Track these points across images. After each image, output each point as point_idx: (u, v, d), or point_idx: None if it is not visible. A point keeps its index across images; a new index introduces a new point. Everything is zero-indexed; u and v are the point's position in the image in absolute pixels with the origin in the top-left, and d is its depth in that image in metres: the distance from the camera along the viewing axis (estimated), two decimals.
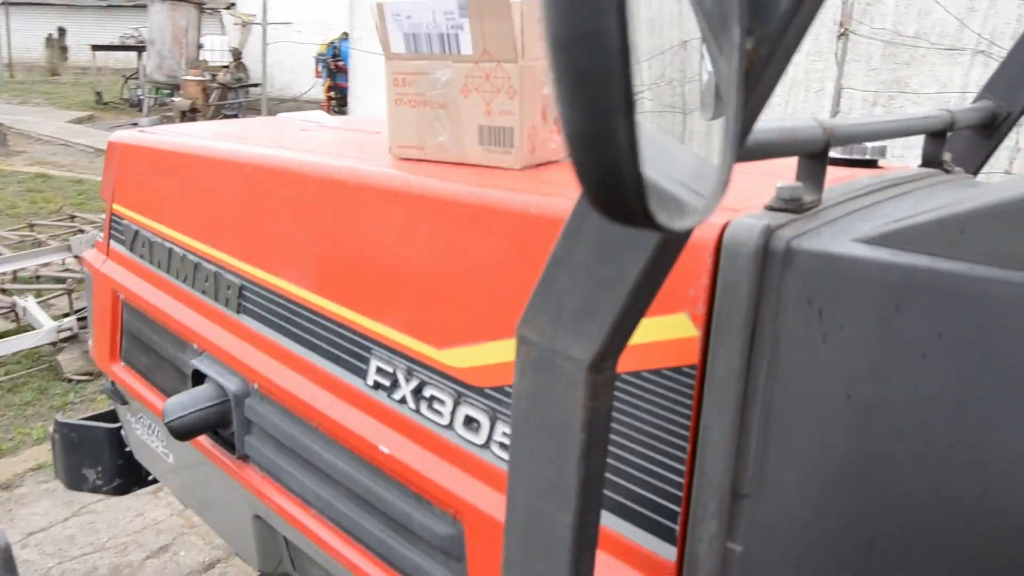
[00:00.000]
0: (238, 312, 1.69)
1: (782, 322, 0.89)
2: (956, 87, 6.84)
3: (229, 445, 1.76)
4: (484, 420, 1.24)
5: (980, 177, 1.42)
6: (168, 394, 1.97)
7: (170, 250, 1.86)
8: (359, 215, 1.39)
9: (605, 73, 0.38)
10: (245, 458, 1.74)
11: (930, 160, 1.30)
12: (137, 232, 1.97)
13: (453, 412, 1.28)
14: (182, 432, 1.68)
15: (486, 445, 1.25)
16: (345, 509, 1.52)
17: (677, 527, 1.03)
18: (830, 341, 0.87)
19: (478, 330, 1.25)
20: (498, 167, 1.34)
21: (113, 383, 2.20)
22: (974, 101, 1.44)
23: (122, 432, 2.36)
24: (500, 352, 1.22)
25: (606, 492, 1.09)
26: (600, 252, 0.74)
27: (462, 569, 1.32)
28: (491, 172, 1.33)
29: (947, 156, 1.30)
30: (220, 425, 1.73)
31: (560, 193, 1.25)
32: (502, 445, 1.23)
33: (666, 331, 0.99)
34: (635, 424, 1.04)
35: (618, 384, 1.05)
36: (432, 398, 1.31)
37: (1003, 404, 0.82)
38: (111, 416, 2.57)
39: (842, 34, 7.06)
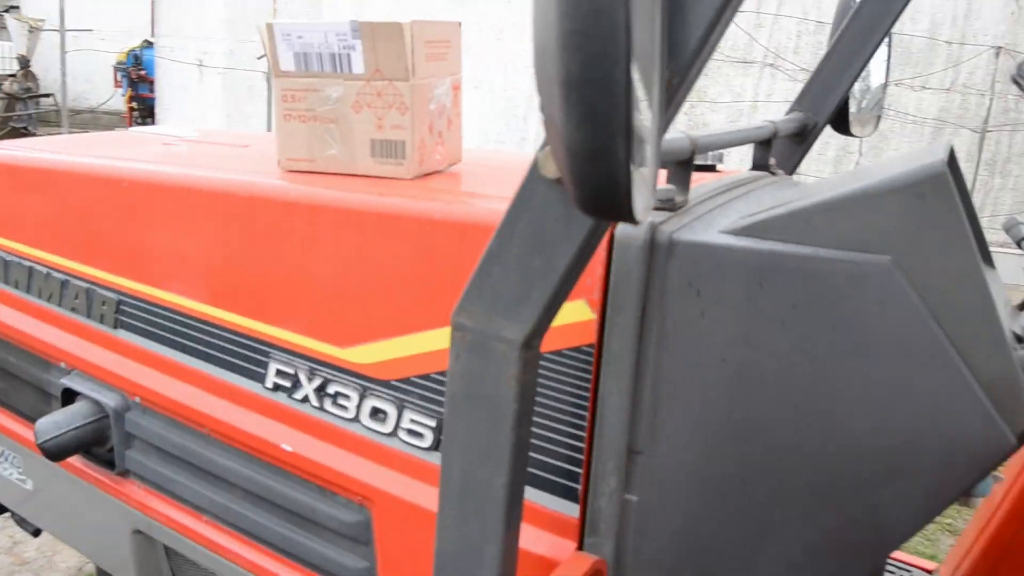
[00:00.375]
0: (115, 327, 1.68)
1: (667, 303, 1.06)
2: (748, 96, 7.57)
3: (106, 462, 1.74)
4: (391, 410, 1.34)
5: (795, 178, 1.68)
6: (29, 418, 1.91)
7: (31, 269, 1.81)
8: (256, 226, 1.45)
9: (613, 108, 0.51)
10: (125, 473, 1.73)
11: (759, 164, 1.54)
12: None
13: (359, 406, 1.37)
14: (57, 452, 1.65)
15: (393, 433, 1.35)
16: (243, 510, 1.56)
17: (579, 486, 1.18)
18: (707, 316, 1.05)
19: (380, 328, 1.34)
20: (390, 177, 1.44)
21: None
22: (787, 113, 1.71)
23: None
24: (403, 347, 1.32)
25: None
26: (532, 247, 0.87)
27: (369, 552, 1.41)
28: (384, 182, 1.43)
29: (772, 160, 1.55)
30: (97, 443, 1.70)
31: (453, 199, 1.38)
32: (409, 432, 1.33)
33: (567, 316, 1.14)
34: (541, 400, 1.18)
35: None
36: (337, 394, 1.39)
37: (845, 359, 1.03)
38: None
39: None
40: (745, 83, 7.69)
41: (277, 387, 1.46)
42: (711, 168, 1.51)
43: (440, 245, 1.28)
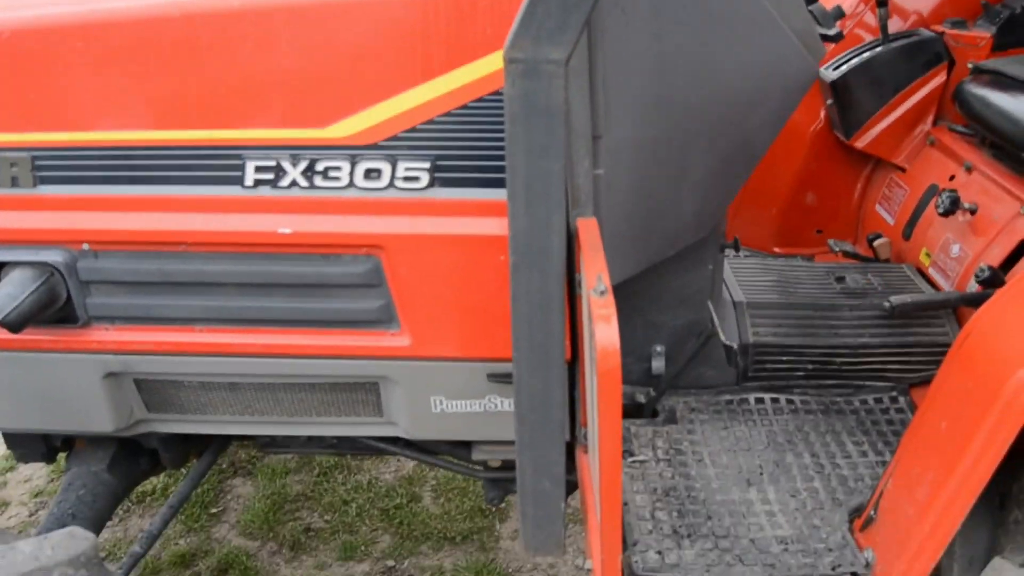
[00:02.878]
0: (35, 185, 1.67)
1: (603, 21, 1.47)
2: None
3: (58, 320, 1.77)
4: (384, 166, 1.63)
5: None
6: None
7: None
8: (206, 42, 1.54)
9: None
10: (88, 323, 1.78)
11: None
12: None
13: (351, 172, 1.63)
14: (20, 322, 1.65)
15: (389, 185, 1.64)
16: (242, 303, 1.75)
17: None
18: (630, 25, 1.48)
19: (356, 101, 1.59)
20: None
21: None
22: None
23: None
24: (382, 112, 1.59)
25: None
26: None
27: (384, 291, 1.73)
28: None
29: None
30: (51, 303, 1.73)
31: None
32: (405, 179, 1.63)
33: None
34: None
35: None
36: (327, 169, 1.63)
37: (715, 34, 1.56)
38: None
39: None
40: None
41: (259, 183, 1.64)
42: None
43: (401, 16, 1.53)
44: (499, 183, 1.63)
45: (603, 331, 1.32)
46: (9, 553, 1.44)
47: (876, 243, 2.55)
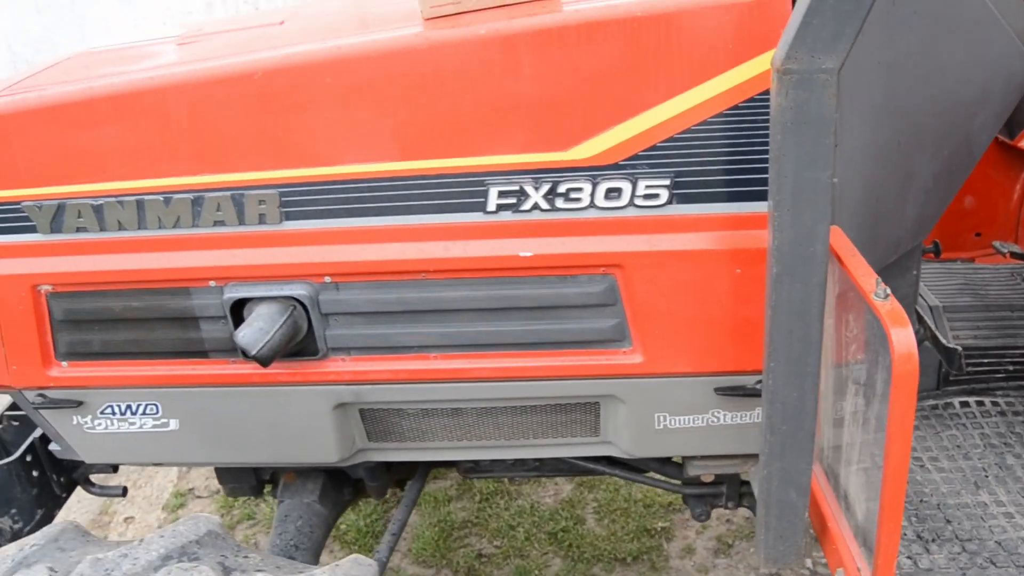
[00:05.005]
0: (280, 222, 1.72)
1: None
2: None
3: (295, 353, 1.81)
4: (625, 185, 1.64)
5: None
6: (165, 356, 1.88)
7: (139, 202, 1.73)
8: (448, 72, 1.59)
9: None
10: (325, 354, 1.83)
11: None
12: (62, 206, 1.75)
13: (593, 193, 1.65)
14: (271, 357, 1.70)
15: (628, 204, 1.66)
16: (478, 328, 1.78)
17: None
18: (865, 32, 1.48)
19: (597, 123, 1.61)
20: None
21: (43, 395, 1.94)
22: None
23: (51, 448, 2.10)
24: (625, 131, 1.61)
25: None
26: None
27: (618, 310, 1.74)
28: (547, 1, 1.64)
29: None
30: (294, 336, 1.78)
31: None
32: (645, 197, 1.65)
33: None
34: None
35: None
36: (568, 191, 1.65)
37: (945, 39, 1.55)
38: None
39: None
40: None
41: (500, 207, 1.67)
42: None
43: (642, 38, 1.56)
44: (739, 197, 1.64)
45: (900, 335, 1.31)
46: None
47: None
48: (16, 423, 2.31)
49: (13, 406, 2.38)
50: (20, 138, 1.72)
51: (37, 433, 2.21)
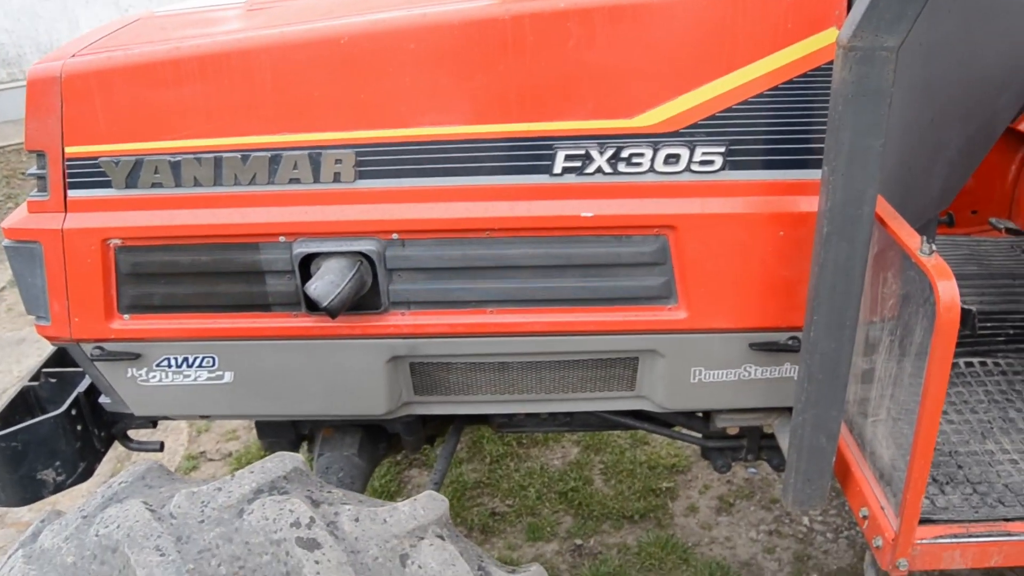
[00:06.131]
0: (355, 180, 1.81)
1: None
2: None
3: (357, 307, 1.90)
4: (683, 151, 1.77)
5: None
6: (228, 309, 1.95)
7: (217, 159, 1.80)
8: (528, 41, 1.69)
9: None
10: (387, 308, 1.92)
11: None
12: (139, 162, 1.81)
13: (653, 158, 1.77)
14: (340, 309, 1.79)
15: (685, 170, 1.78)
16: (536, 284, 1.89)
17: None
18: None
19: (664, 93, 1.73)
20: None
21: (101, 347, 2.00)
22: None
23: (101, 400, 2.15)
24: (687, 101, 1.74)
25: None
26: None
27: (667, 268, 1.87)
28: None
29: None
30: (360, 290, 1.87)
31: None
32: (701, 163, 1.78)
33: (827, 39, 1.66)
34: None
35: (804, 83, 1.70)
36: (631, 156, 1.77)
37: (978, 24, 1.71)
38: (27, 408, 2.27)
39: None
40: None
41: (566, 170, 1.79)
42: None
43: (710, 15, 1.68)
44: (785, 164, 1.78)
45: (945, 287, 1.46)
46: (393, 513, 1.58)
47: None
48: (54, 380, 2.36)
49: (50, 363, 2.42)
50: (103, 95, 1.78)
51: (82, 387, 2.27)
